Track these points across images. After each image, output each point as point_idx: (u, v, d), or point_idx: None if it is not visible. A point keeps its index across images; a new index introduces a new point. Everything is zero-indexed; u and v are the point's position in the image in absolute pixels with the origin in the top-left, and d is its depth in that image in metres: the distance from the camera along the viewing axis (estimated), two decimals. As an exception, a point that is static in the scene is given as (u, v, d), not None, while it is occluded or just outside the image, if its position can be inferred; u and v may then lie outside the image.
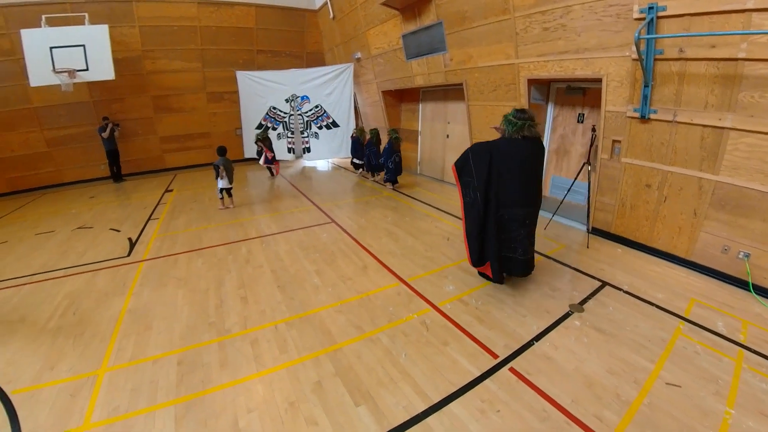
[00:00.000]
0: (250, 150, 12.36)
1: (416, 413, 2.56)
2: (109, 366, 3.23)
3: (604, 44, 4.83)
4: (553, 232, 5.74)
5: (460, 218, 6.24)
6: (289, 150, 12.23)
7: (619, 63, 4.75)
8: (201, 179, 10.74)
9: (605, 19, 4.72)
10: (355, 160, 10.51)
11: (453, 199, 7.64)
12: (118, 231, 6.82)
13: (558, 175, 6.57)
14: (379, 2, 7.88)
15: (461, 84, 7.21)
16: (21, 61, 9.58)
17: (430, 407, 2.61)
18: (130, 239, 6.33)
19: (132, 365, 3.22)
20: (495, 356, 3.11)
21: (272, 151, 10.48)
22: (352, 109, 11.50)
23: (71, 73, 9.25)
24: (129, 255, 5.66)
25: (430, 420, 2.51)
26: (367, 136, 9.69)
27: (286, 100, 11.84)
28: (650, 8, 4.19)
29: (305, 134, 12.01)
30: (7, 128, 10.39)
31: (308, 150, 12.14)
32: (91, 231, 7.02)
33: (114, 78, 9.56)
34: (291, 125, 12.04)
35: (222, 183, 7.60)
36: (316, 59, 13.14)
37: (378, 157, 9.30)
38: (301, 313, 3.81)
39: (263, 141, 10.32)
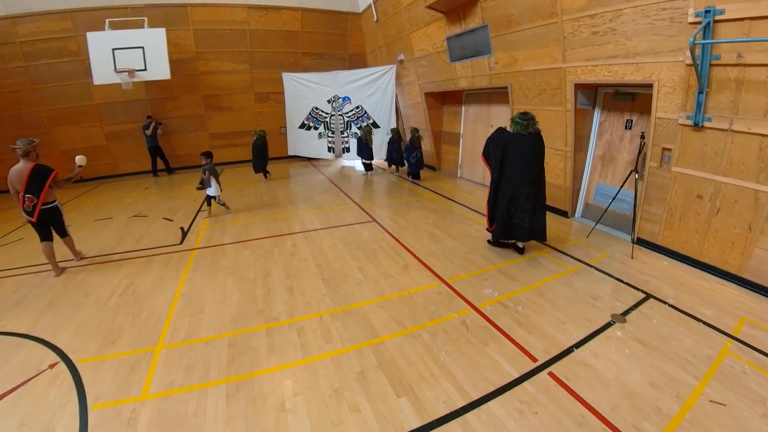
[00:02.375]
0: (293, 148, 12.91)
1: (455, 408, 2.64)
2: (165, 344, 3.50)
3: (655, 49, 4.71)
4: (596, 241, 5.62)
5: None
6: (329, 149, 12.54)
7: (671, 68, 4.61)
8: (246, 174, 11.19)
9: (658, 23, 4.60)
10: (363, 161, 10.84)
11: None
12: (171, 220, 7.25)
13: (603, 182, 6.43)
14: (424, 5, 7.96)
15: (506, 87, 7.19)
16: (85, 62, 10.32)
17: (469, 404, 2.68)
18: (182, 228, 6.73)
19: (186, 344, 3.47)
20: (534, 360, 3.14)
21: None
22: (393, 111, 11.62)
23: (131, 72, 9.87)
24: (181, 243, 6.03)
25: (469, 416, 2.58)
26: (374, 137, 10.74)
27: (328, 101, 12.17)
28: (707, 12, 4.04)
29: (345, 134, 12.30)
30: (71, 122, 11.22)
31: (347, 150, 12.41)
32: (146, 219, 7.49)
33: (169, 78, 10.14)
34: (332, 125, 12.36)
35: (212, 190, 7.19)
36: (358, 61, 13.38)
37: (400, 153, 10.35)
38: (344, 306, 3.97)
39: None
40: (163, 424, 2.61)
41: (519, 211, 4.92)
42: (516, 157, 4.86)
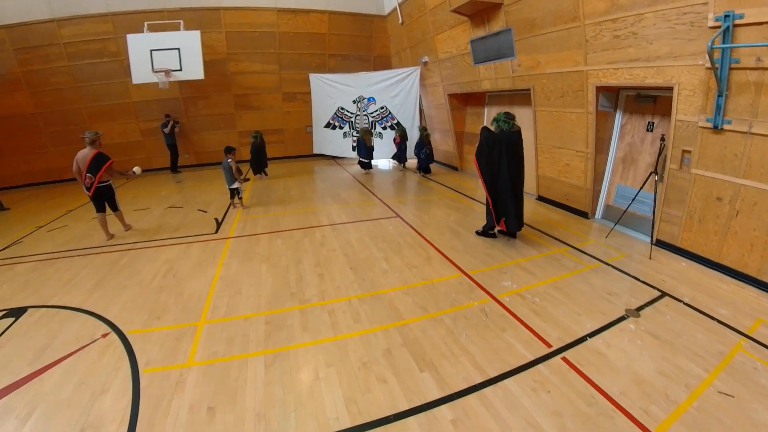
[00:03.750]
0: (319, 146, 13.37)
1: (474, 383, 2.88)
2: (206, 319, 3.86)
3: (676, 52, 4.80)
4: (615, 242, 5.72)
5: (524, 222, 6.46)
6: (353, 148, 12.86)
7: (691, 71, 4.70)
8: (274, 171, 11.63)
9: (678, 27, 4.69)
10: (361, 159, 11.18)
11: (527, 206, 7.68)
12: (205, 212, 7.68)
13: (623, 184, 6.53)
14: (449, 9, 8.18)
15: (528, 89, 7.35)
16: (124, 62, 10.91)
17: (486, 380, 2.91)
18: (216, 219, 7.15)
19: (226, 321, 3.82)
20: (549, 345, 3.34)
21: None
22: (417, 111, 11.86)
23: (167, 72, 10.38)
24: (216, 232, 6.44)
25: (486, 391, 2.81)
26: (372, 138, 11.39)
27: (354, 101, 12.50)
28: (726, 16, 4.12)
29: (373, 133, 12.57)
30: (109, 119, 11.84)
31: (372, 149, 12.70)
32: (181, 210, 7.95)
33: (203, 78, 10.62)
34: (356, 125, 12.67)
35: (237, 183, 7.64)
36: (382, 62, 13.70)
37: (403, 151, 11.12)
38: (371, 291, 4.26)
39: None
40: (208, 387, 2.93)
41: (513, 204, 5.45)
42: (510, 153, 5.34)
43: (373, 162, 12.74)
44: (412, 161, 11.72)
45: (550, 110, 6.98)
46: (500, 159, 5.34)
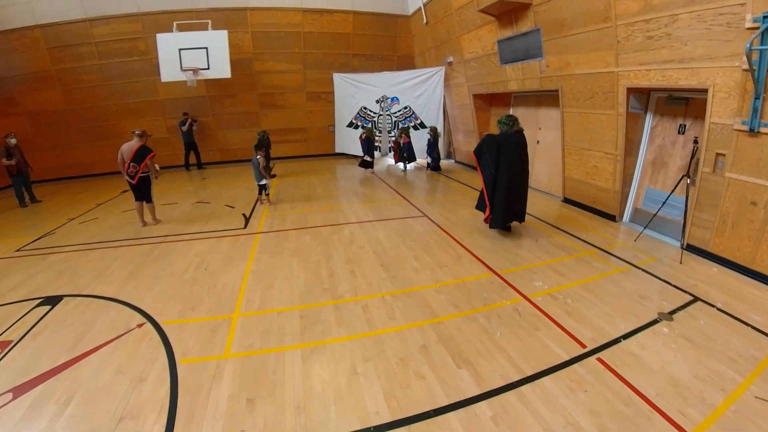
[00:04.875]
0: (341, 145, 13.49)
1: (511, 381, 2.90)
2: (241, 312, 3.94)
3: (711, 54, 4.72)
4: (645, 245, 5.65)
5: (546, 222, 6.47)
6: (376, 148, 12.90)
7: (727, 73, 4.61)
8: (298, 169, 11.86)
9: (714, 28, 4.61)
10: (366, 158, 11.26)
11: (541, 204, 7.78)
12: (233, 207, 7.84)
13: (653, 187, 6.44)
14: (476, 9, 8.19)
15: (556, 91, 7.32)
16: (153, 61, 11.18)
17: (523, 378, 2.93)
18: (244, 215, 7.30)
19: (261, 314, 3.90)
20: (583, 346, 3.34)
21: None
22: (441, 112, 11.86)
23: (195, 71, 10.58)
24: (245, 227, 6.58)
25: (524, 389, 2.83)
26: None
27: (377, 101, 12.57)
28: (765, 17, 4.03)
29: (392, 134, 12.63)
30: (137, 116, 12.12)
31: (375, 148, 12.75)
32: (209, 206, 8.12)
33: (230, 77, 10.80)
34: (379, 125, 12.74)
35: (265, 180, 7.87)
36: (406, 62, 13.74)
37: (411, 151, 11.25)
38: (404, 288, 4.31)
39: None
40: (246, 378, 2.99)
41: (516, 199, 5.76)
42: (507, 153, 5.59)
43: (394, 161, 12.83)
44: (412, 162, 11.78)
45: (579, 111, 6.93)
46: (499, 157, 5.61)
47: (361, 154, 11.52)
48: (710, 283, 4.54)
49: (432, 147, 11.11)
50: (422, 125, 12.14)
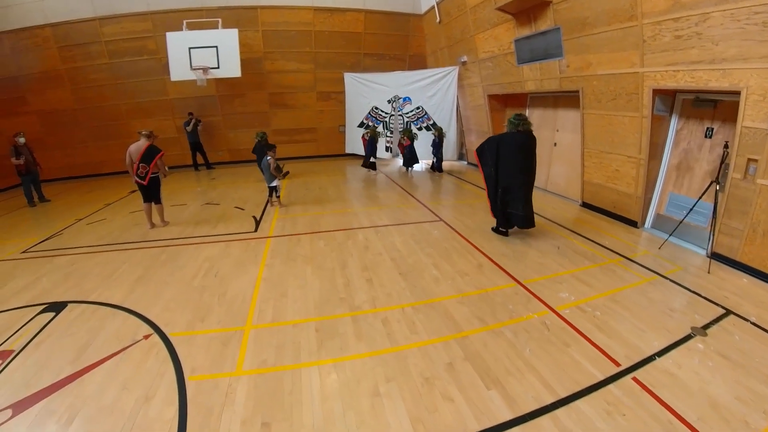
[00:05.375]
0: (351, 146, 13.30)
1: (545, 404, 2.71)
2: (253, 324, 3.75)
3: (745, 54, 4.48)
4: (669, 253, 5.42)
5: (565, 227, 6.26)
6: (387, 149, 12.76)
7: (762, 75, 4.37)
8: (308, 169, 11.71)
9: (749, 28, 4.37)
10: (372, 159, 11.12)
11: (559, 208, 7.58)
12: (242, 209, 7.70)
13: (677, 192, 6.22)
14: (494, 7, 7.98)
15: (576, 91, 7.09)
16: (162, 60, 11.11)
17: (557, 400, 2.74)
18: (254, 217, 7.16)
19: (274, 326, 3.71)
20: (617, 364, 3.14)
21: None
22: (454, 112, 11.66)
23: (205, 70, 10.48)
24: (256, 231, 6.42)
25: (559, 412, 2.65)
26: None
27: (389, 101, 12.39)
28: None
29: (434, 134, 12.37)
30: (146, 115, 12.06)
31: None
32: (218, 207, 8.00)
33: (240, 76, 10.68)
34: (391, 125, 12.56)
35: (276, 181, 7.68)
36: (418, 62, 13.54)
37: (413, 153, 11.03)
38: (425, 299, 4.10)
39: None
40: (260, 399, 2.80)
41: (513, 200, 5.63)
42: (508, 152, 5.57)
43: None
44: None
45: (601, 113, 6.70)
46: (500, 157, 5.63)
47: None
48: (742, 295, 4.33)
49: (437, 147, 10.99)
50: (435, 126, 11.91)
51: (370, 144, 11.13)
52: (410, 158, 11.05)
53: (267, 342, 3.47)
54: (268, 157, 7.35)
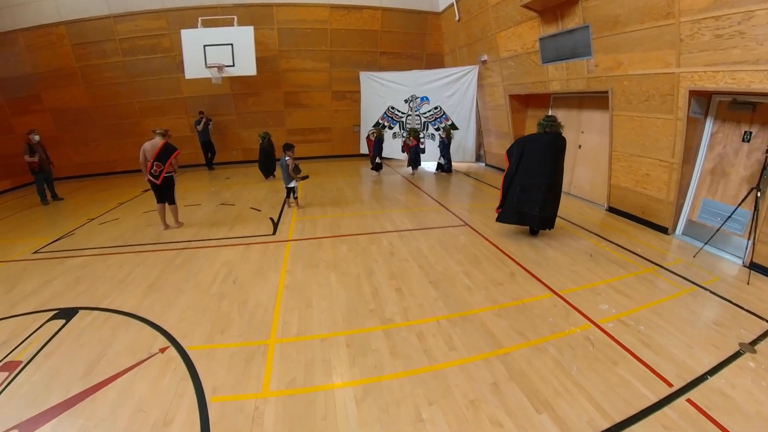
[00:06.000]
0: (366, 146, 12.98)
1: (601, 430, 2.51)
2: (277, 338, 3.51)
3: None
4: (703, 262, 5.18)
5: (593, 232, 6.13)
6: (403, 149, 12.52)
7: None
8: (323, 169, 11.51)
9: None
10: (378, 160, 10.88)
11: (585, 212, 7.33)
12: (259, 210, 7.54)
13: (711, 198, 5.95)
14: (518, 4, 7.73)
15: (605, 92, 6.83)
16: (177, 58, 11.01)
17: (613, 426, 2.54)
18: (272, 219, 6.98)
19: (300, 340, 3.48)
20: (669, 384, 2.94)
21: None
22: (473, 112, 11.41)
23: (220, 68, 10.35)
24: (274, 234, 6.24)
25: (616, 439, 2.45)
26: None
27: (405, 101, 12.16)
28: None
29: (421, 135, 12.18)
30: (160, 113, 11.98)
31: (422, 150, 12.28)
32: (234, 208, 7.83)
33: (255, 74, 10.53)
34: (407, 125, 12.32)
35: (294, 182, 7.49)
36: (435, 61, 13.31)
37: (418, 155, 10.97)
38: (459, 311, 3.87)
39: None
40: (291, 425, 2.58)
41: (530, 200, 5.57)
42: (532, 153, 5.57)
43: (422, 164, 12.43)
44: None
45: (631, 115, 6.45)
46: (524, 157, 5.64)
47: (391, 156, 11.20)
48: (787, 308, 4.08)
49: (446, 148, 10.78)
50: (453, 126, 11.71)
51: (376, 145, 10.86)
52: (415, 159, 10.87)
53: (294, 358, 3.22)
54: (287, 158, 7.16)
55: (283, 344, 3.43)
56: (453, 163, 11.51)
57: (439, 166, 11.09)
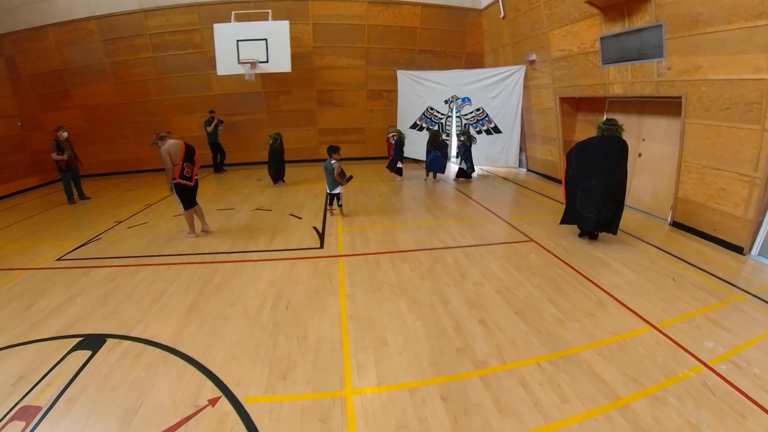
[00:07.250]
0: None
1: None
2: (355, 387, 2.92)
3: None
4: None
5: (664, 250, 5.70)
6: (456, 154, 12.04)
7: None
8: (359, 172, 11.03)
9: None
10: (398, 166, 10.33)
11: (648, 227, 6.74)
12: (299, 218, 7.13)
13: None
14: (581, 0, 7.25)
15: (677, 98, 6.27)
16: (208, 54, 10.76)
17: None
18: (316, 228, 6.56)
19: (384, 391, 2.88)
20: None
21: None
22: (519, 115, 10.83)
23: (253, 64, 10.02)
24: (322, 247, 5.77)
25: None
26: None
27: (446, 101, 11.64)
28: None
29: (462, 138, 11.70)
30: (189, 111, 11.76)
31: (447, 156, 11.78)
32: (271, 214, 7.46)
33: (290, 71, 10.19)
34: (447, 127, 11.81)
35: (339, 188, 6.96)
36: (474, 60, 12.79)
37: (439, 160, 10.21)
38: (558, 351, 3.35)
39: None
40: None
41: (588, 203, 5.58)
42: (588, 156, 5.65)
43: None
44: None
45: (708, 123, 5.90)
46: (583, 161, 5.68)
47: (423, 159, 10.61)
48: None
49: (468, 151, 10.13)
50: (496, 129, 11.17)
51: (397, 148, 10.21)
52: (441, 164, 10.17)
53: (381, 418, 2.60)
54: (333, 161, 6.69)
55: (364, 396, 2.82)
56: (491, 169, 10.97)
57: (461, 172, 10.39)
